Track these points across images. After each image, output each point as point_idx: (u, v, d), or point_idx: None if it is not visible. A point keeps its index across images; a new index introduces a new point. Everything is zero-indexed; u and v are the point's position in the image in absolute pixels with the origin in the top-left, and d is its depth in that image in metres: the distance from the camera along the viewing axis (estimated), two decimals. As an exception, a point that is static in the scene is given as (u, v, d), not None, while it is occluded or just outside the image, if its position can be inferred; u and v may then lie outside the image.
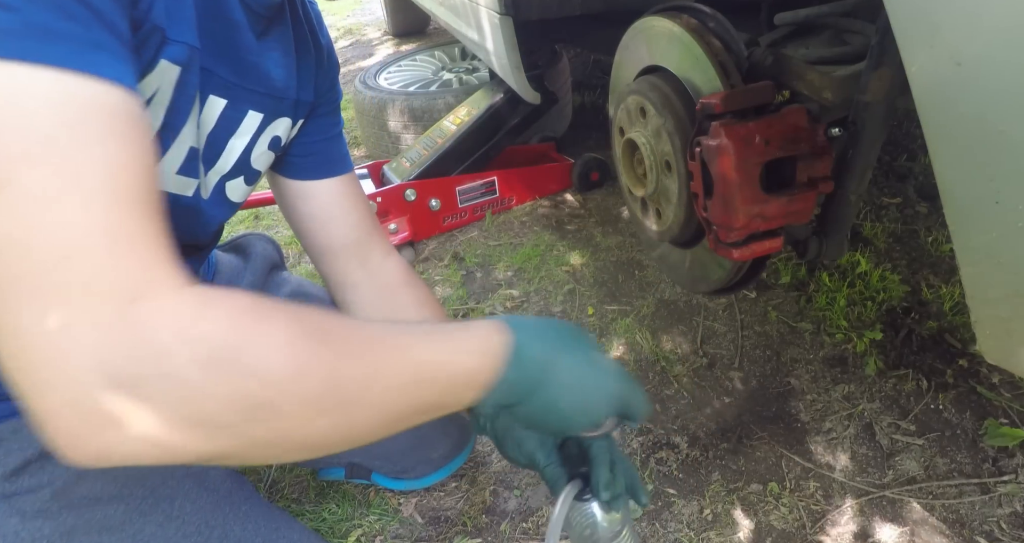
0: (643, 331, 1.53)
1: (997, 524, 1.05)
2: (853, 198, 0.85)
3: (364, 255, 0.95)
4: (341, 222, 0.93)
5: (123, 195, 0.42)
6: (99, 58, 0.43)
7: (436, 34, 4.01)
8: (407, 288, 0.95)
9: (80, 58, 0.42)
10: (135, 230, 0.42)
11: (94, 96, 0.42)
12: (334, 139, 0.92)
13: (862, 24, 0.89)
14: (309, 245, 0.95)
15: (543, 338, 0.58)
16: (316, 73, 0.85)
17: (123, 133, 0.43)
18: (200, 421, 0.40)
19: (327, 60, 0.88)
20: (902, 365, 1.35)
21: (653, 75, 1.01)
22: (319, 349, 0.44)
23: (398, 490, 1.21)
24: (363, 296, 0.94)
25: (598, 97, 2.79)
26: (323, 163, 0.91)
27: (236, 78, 0.70)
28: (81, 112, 0.41)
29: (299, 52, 0.81)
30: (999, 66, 0.43)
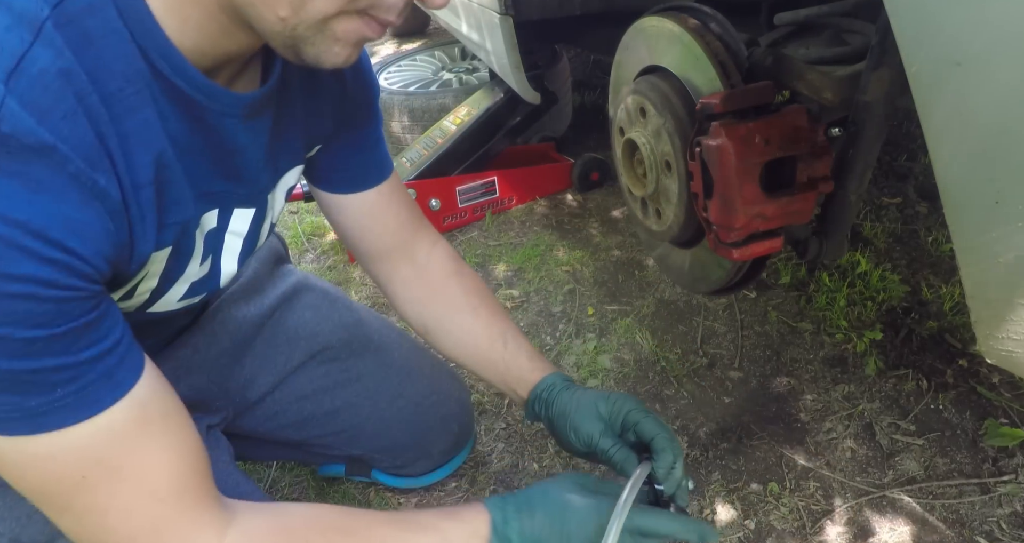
0: (643, 331, 1.53)
1: (997, 524, 1.05)
2: (853, 198, 0.85)
3: (410, 253, 0.95)
4: (381, 230, 0.93)
5: (162, 489, 0.55)
6: (102, 388, 0.52)
7: (436, 34, 4.01)
8: (455, 278, 0.96)
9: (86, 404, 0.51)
10: (173, 518, 0.56)
11: (105, 425, 0.52)
12: (368, 149, 0.88)
13: (862, 24, 0.89)
14: (354, 250, 0.96)
15: (522, 511, 0.68)
16: (335, 102, 0.80)
17: (150, 432, 0.55)
18: None
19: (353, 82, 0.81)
20: (902, 365, 1.35)
21: (653, 75, 1.01)
22: None
23: (398, 489, 1.21)
24: (413, 293, 0.96)
25: (598, 97, 2.79)
26: (356, 177, 0.89)
27: (232, 185, 0.67)
28: (106, 447, 0.53)
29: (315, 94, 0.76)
30: (999, 66, 0.43)
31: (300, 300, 1.05)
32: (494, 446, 1.28)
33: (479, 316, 0.93)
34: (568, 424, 0.80)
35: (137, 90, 0.51)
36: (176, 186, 0.57)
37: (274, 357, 1.01)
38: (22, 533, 0.68)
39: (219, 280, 0.74)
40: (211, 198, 0.65)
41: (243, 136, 0.63)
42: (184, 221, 0.60)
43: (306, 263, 2.00)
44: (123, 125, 0.50)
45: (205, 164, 0.61)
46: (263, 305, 1.01)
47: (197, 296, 0.73)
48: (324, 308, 1.06)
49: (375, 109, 0.89)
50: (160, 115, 0.54)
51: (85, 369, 0.50)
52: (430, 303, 0.95)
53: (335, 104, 0.81)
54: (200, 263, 0.68)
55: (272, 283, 1.05)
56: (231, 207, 0.69)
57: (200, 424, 0.90)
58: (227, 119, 0.60)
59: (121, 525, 0.53)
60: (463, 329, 0.94)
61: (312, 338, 1.03)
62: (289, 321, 1.03)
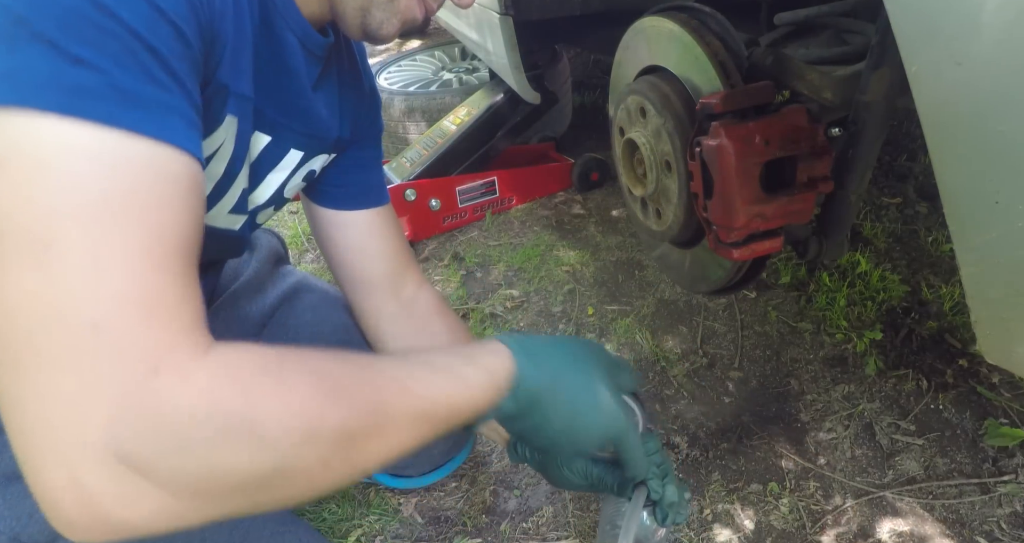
0: (643, 331, 1.53)
1: (997, 524, 1.05)
2: (853, 198, 0.85)
3: (398, 287, 0.95)
4: (374, 255, 0.92)
5: (165, 263, 0.42)
6: (172, 123, 0.44)
7: (436, 34, 4.01)
8: (440, 317, 0.96)
9: (154, 124, 0.42)
10: (169, 299, 0.42)
11: (159, 162, 0.43)
12: (370, 171, 0.91)
13: (862, 24, 0.89)
14: (341, 276, 0.95)
15: (546, 365, 0.61)
16: (357, 109, 0.85)
17: (179, 200, 0.44)
18: (213, 493, 0.40)
19: (369, 96, 0.89)
20: (902, 365, 1.35)
21: (653, 75, 1.01)
22: (332, 408, 0.45)
23: (398, 489, 1.21)
24: (399, 328, 0.95)
25: (598, 97, 2.79)
26: (357, 194, 0.90)
27: (283, 118, 0.70)
28: (141, 178, 0.42)
29: (344, 90, 0.81)
30: (999, 66, 0.43)
31: (300, 301, 1.05)
32: (494, 446, 1.28)
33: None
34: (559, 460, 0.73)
35: None
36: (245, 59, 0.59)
37: None
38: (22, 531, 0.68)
39: (247, 206, 0.75)
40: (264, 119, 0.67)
41: (298, 61, 0.67)
42: (247, 98, 0.61)
43: (306, 263, 2.00)
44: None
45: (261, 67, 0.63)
46: (264, 305, 1.01)
47: (240, 215, 0.74)
48: (324, 309, 1.06)
49: (380, 135, 0.94)
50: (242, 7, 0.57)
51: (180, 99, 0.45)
52: (414, 340, 0.95)
53: (357, 110, 0.85)
54: (248, 174, 0.70)
55: (272, 283, 1.05)
56: (287, 145, 0.73)
57: None
58: (289, 35, 0.65)
59: (108, 282, 0.39)
60: None
61: (312, 339, 1.03)
62: (290, 321, 1.03)
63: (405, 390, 0.51)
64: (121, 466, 0.37)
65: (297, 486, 0.44)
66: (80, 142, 0.39)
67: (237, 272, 1.03)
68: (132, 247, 0.40)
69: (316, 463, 0.44)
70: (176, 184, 0.44)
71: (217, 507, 0.41)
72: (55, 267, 0.38)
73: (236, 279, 1.01)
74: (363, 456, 0.47)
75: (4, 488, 0.67)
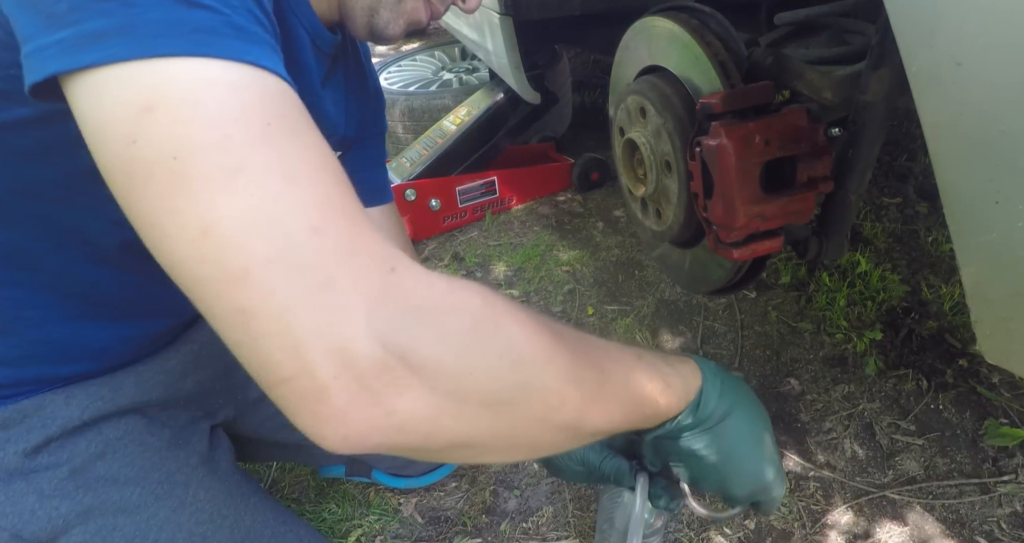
0: (643, 331, 1.53)
1: (997, 524, 1.05)
2: (853, 198, 0.85)
3: None
4: None
5: (338, 176, 0.43)
6: (278, 61, 0.44)
7: (436, 34, 4.00)
8: None
9: (270, 60, 0.42)
10: (359, 208, 0.42)
11: (288, 92, 0.43)
12: (374, 170, 0.92)
13: (862, 24, 0.89)
14: None
15: (727, 393, 0.60)
16: (362, 108, 0.86)
17: (310, 123, 0.44)
18: (465, 396, 0.40)
19: (374, 96, 0.90)
20: (902, 365, 1.35)
21: (653, 75, 1.01)
22: (561, 344, 0.44)
23: (398, 489, 1.21)
24: None
25: (598, 97, 2.79)
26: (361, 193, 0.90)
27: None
28: (282, 103, 0.42)
29: (350, 89, 0.82)
30: (999, 66, 0.43)
31: None
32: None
33: None
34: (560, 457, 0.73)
35: None
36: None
37: None
38: (24, 528, 0.68)
39: None
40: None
41: (307, 55, 0.68)
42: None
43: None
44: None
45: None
46: None
47: None
48: None
49: (384, 135, 0.95)
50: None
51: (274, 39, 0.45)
52: None
53: (361, 110, 0.85)
54: None
55: None
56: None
57: (203, 424, 0.90)
58: (300, 30, 0.65)
59: (307, 194, 0.39)
60: None
61: None
62: None
63: (623, 364, 0.52)
64: (388, 354, 0.37)
65: (535, 415, 0.43)
66: (220, 76, 0.39)
67: None
68: (311, 162, 0.41)
69: (554, 393, 0.43)
70: (303, 111, 0.44)
71: (467, 417, 0.40)
72: (254, 188, 0.37)
73: None
74: (589, 408, 0.46)
75: (7, 485, 0.67)
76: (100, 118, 0.38)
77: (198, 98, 0.38)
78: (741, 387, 0.62)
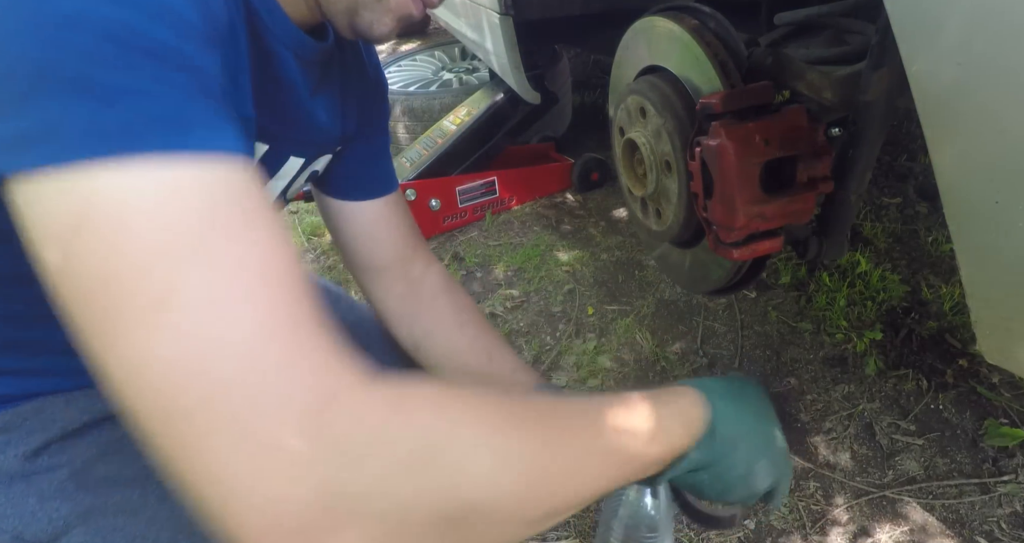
0: (643, 331, 1.53)
1: (997, 524, 1.05)
2: (853, 198, 0.85)
3: (406, 270, 0.95)
4: (383, 242, 0.93)
5: (284, 285, 0.39)
6: (229, 133, 0.41)
7: (436, 34, 4.01)
8: (446, 295, 0.96)
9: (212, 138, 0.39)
10: (305, 325, 0.39)
11: (231, 177, 0.40)
12: (377, 160, 0.91)
13: (862, 24, 0.89)
14: (351, 262, 0.96)
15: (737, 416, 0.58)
16: (363, 101, 0.84)
17: (262, 212, 0.41)
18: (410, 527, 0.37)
19: (375, 85, 0.87)
20: (902, 365, 1.35)
21: (653, 75, 1.01)
22: (524, 440, 0.42)
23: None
24: (402, 308, 0.96)
25: (598, 97, 2.79)
26: (364, 185, 0.90)
27: (280, 128, 0.69)
28: (224, 196, 0.39)
29: (348, 86, 0.80)
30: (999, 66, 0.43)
31: None
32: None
33: (465, 332, 0.93)
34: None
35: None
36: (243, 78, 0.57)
37: None
38: (25, 530, 0.68)
39: None
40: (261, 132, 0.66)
41: (292, 73, 0.66)
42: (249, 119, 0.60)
43: (306, 263, 2.00)
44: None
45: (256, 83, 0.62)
46: None
47: None
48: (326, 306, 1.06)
49: (388, 122, 0.92)
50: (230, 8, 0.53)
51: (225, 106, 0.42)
52: (419, 320, 0.95)
53: (362, 103, 0.83)
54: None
55: None
56: (286, 153, 0.72)
57: None
58: (281, 48, 0.63)
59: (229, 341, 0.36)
60: (450, 345, 0.94)
61: None
62: None
63: (606, 434, 0.49)
64: (321, 503, 0.35)
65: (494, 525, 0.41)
66: (148, 184, 0.36)
67: None
68: (248, 274, 0.37)
69: (512, 502, 0.41)
70: (250, 194, 0.41)
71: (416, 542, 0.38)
72: (182, 323, 0.35)
73: None
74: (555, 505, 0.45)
75: (7, 487, 0.67)
76: (35, 226, 0.36)
77: (124, 217, 0.35)
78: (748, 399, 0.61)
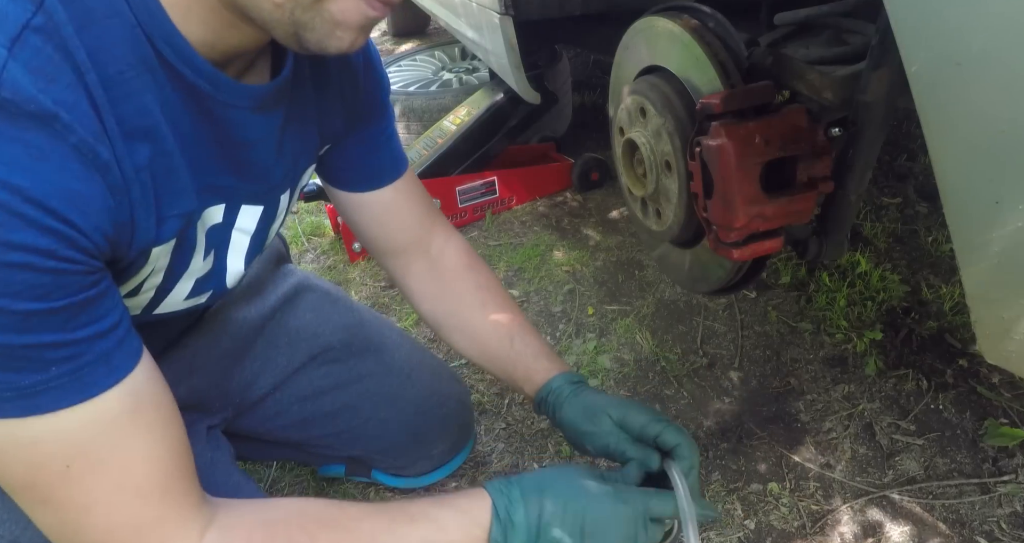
0: (643, 331, 1.53)
1: (997, 524, 1.05)
2: (853, 198, 0.85)
3: (424, 247, 0.95)
4: (398, 227, 0.92)
5: (146, 485, 0.52)
6: (98, 371, 0.50)
7: (436, 34, 4.01)
8: (467, 273, 0.96)
9: (75, 391, 0.49)
10: (156, 517, 0.53)
11: (97, 411, 0.50)
12: (381, 146, 0.87)
13: (862, 24, 0.89)
14: (370, 248, 0.96)
15: (528, 505, 0.64)
16: (346, 95, 0.79)
17: (141, 423, 0.52)
18: None
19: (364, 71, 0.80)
20: (902, 365, 1.35)
21: (653, 75, 1.01)
22: None
23: (398, 489, 1.21)
24: (426, 288, 0.96)
25: (598, 97, 2.79)
26: (371, 175, 0.88)
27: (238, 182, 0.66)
28: (91, 433, 0.50)
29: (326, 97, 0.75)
30: (999, 66, 0.43)
31: (301, 301, 1.05)
32: (494, 446, 1.28)
33: (487, 313, 0.93)
34: (579, 434, 0.79)
35: (138, 74, 0.50)
36: (177, 176, 0.57)
37: (275, 358, 1.01)
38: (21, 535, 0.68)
39: (225, 278, 0.74)
40: (217, 192, 0.64)
41: (253, 130, 0.63)
42: (187, 213, 0.60)
43: (306, 263, 1.99)
44: (120, 108, 0.49)
45: (211, 156, 0.60)
46: (264, 306, 1.01)
47: (203, 294, 0.72)
48: (325, 309, 1.06)
49: (387, 104, 0.88)
50: (163, 103, 0.53)
51: (82, 348, 0.48)
52: (441, 299, 0.95)
53: (347, 100, 0.79)
54: (203, 258, 0.67)
55: (273, 283, 1.05)
56: (238, 203, 0.68)
57: (200, 425, 0.90)
58: (234, 111, 0.59)
59: (101, 521, 0.51)
60: (471, 326, 0.94)
61: (313, 339, 1.03)
62: (290, 322, 1.03)
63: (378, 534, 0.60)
64: None
65: None
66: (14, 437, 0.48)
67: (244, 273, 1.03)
68: (107, 489, 0.51)
69: None
70: (117, 422, 0.51)
71: None
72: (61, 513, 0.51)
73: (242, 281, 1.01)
74: None
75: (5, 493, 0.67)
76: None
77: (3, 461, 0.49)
78: (544, 479, 0.67)
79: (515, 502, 0.63)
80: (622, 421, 0.77)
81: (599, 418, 0.78)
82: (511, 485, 0.66)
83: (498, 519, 0.62)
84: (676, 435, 0.74)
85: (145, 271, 0.59)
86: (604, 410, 0.78)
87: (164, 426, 0.55)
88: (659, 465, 0.74)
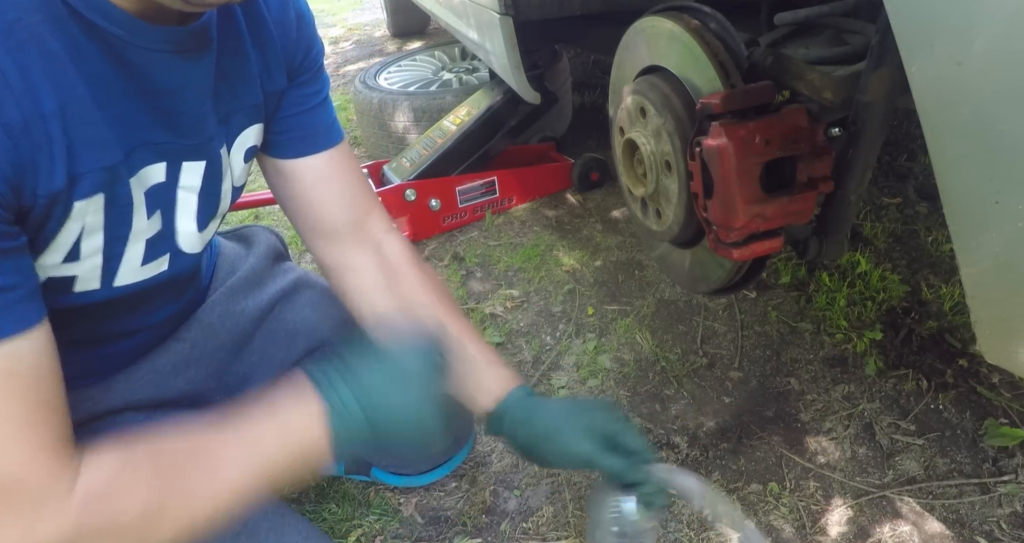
0: (643, 331, 1.53)
1: (997, 524, 1.05)
2: (853, 198, 0.85)
3: (362, 236, 0.88)
4: (333, 203, 0.86)
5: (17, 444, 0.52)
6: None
7: (436, 34, 4.01)
8: (412, 269, 0.89)
9: None
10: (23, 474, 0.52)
11: None
12: (315, 109, 0.83)
13: (862, 24, 0.89)
14: (301, 228, 0.89)
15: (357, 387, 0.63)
16: (285, 56, 0.78)
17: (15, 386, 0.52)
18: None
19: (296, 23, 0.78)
20: (902, 365, 1.35)
21: (653, 75, 1.01)
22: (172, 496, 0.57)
23: (398, 488, 1.21)
24: (366, 281, 0.88)
25: (598, 97, 2.79)
26: (304, 138, 0.83)
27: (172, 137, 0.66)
28: None
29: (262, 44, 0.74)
30: (999, 66, 0.43)
31: (300, 296, 1.05)
32: (494, 446, 1.28)
33: (440, 313, 0.86)
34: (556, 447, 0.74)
35: (41, 21, 0.51)
36: (94, 127, 0.56)
37: (273, 353, 1.01)
38: None
39: (176, 240, 0.72)
40: (152, 149, 0.64)
41: (177, 75, 0.62)
42: (109, 167, 0.59)
43: (306, 263, 2.00)
44: (22, 55, 0.50)
45: (139, 110, 0.60)
46: (262, 300, 1.01)
47: (160, 259, 0.71)
48: (324, 305, 1.06)
49: (322, 67, 0.85)
50: (76, 53, 0.54)
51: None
52: (386, 294, 0.88)
53: (286, 58, 0.78)
54: (148, 218, 0.66)
55: (272, 278, 1.04)
56: (179, 160, 0.68)
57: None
58: (155, 55, 0.59)
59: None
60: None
61: (311, 334, 1.03)
62: (289, 317, 1.03)
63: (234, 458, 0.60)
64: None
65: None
66: None
67: (234, 267, 1.02)
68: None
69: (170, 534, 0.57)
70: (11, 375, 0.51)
71: None
72: None
73: (233, 274, 1.00)
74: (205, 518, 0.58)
75: None
76: None
77: None
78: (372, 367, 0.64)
79: (335, 381, 0.63)
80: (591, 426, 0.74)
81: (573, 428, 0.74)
82: (327, 370, 0.65)
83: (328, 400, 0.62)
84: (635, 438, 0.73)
85: (72, 228, 0.58)
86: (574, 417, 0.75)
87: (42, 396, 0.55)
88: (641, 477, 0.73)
